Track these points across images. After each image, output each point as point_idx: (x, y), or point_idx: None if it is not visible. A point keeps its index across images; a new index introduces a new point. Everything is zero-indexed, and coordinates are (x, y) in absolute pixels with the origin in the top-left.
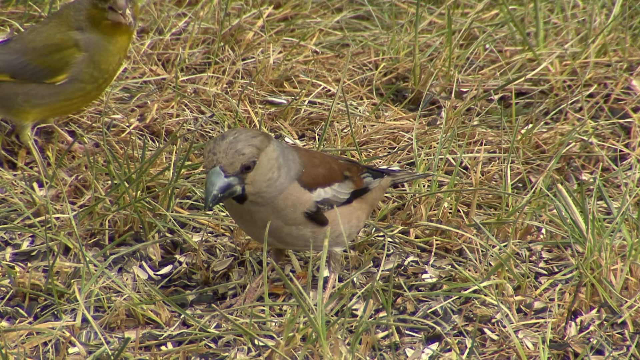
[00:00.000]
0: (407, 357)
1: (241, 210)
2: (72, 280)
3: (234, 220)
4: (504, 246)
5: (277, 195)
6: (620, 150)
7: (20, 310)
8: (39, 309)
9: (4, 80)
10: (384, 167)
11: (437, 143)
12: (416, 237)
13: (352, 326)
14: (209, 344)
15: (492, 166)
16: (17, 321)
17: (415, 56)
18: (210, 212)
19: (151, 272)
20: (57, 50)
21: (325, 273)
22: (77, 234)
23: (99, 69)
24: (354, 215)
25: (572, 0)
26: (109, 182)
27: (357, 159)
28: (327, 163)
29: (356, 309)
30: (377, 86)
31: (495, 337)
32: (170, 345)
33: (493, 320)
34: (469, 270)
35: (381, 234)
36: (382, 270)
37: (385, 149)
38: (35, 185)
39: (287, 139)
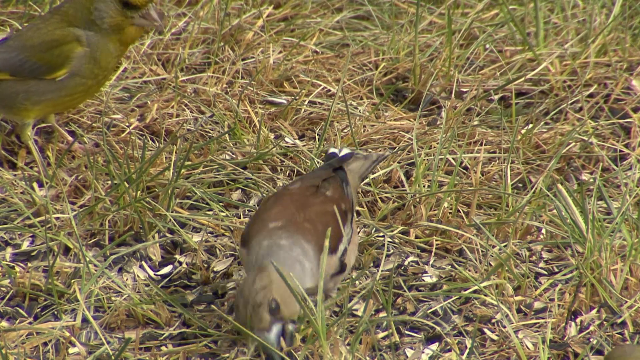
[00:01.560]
0: (407, 357)
1: None
2: (72, 280)
3: None
4: (504, 246)
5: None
6: (620, 150)
7: (20, 310)
8: (39, 309)
9: (4, 79)
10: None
11: (437, 143)
12: (416, 237)
13: (352, 326)
14: (209, 344)
15: (492, 166)
16: (17, 321)
17: (415, 56)
18: (210, 212)
19: (151, 272)
20: (56, 45)
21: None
22: (77, 234)
23: (99, 66)
24: (356, 238)
25: (572, 0)
26: (109, 182)
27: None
28: (326, 214)
29: (356, 309)
30: (377, 86)
31: (495, 337)
32: (170, 346)
33: (493, 321)
34: (469, 271)
35: (381, 234)
36: (382, 270)
37: (385, 149)
38: (35, 185)
39: (287, 139)
